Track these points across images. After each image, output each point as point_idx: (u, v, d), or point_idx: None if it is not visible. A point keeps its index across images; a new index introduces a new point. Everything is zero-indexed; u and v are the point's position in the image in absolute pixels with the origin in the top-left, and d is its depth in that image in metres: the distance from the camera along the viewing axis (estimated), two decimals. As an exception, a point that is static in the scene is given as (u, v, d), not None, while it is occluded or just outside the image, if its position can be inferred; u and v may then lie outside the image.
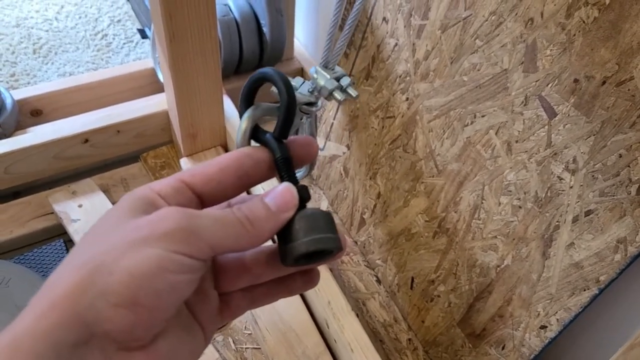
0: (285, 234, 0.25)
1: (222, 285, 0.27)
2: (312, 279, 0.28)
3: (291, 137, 0.28)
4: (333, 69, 0.31)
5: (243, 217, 0.24)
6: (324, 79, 0.30)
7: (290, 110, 0.27)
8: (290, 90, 0.26)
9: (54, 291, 0.20)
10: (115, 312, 0.20)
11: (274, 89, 0.27)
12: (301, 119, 0.30)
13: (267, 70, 0.27)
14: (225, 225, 0.23)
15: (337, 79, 0.30)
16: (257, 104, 0.28)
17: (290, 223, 0.25)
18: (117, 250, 0.21)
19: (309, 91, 0.30)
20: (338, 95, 0.30)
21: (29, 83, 1.07)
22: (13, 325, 0.20)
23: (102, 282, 0.20)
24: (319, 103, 0.29)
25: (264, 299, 0.28)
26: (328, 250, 0.26)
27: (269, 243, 0.27)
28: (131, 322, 0.20)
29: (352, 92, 0.30)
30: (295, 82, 0.29)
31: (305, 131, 0.30)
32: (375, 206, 0.80)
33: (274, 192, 0.25)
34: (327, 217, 0.26)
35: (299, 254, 0.25)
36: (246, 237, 0.23)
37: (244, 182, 0.26)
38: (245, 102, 0.28)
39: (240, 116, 0.28)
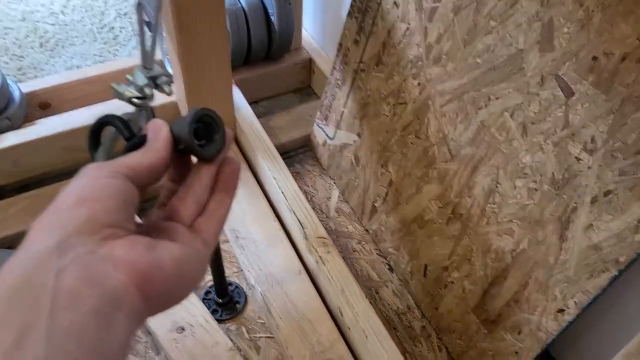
0: (177, 142, 0.30)
1: (180, 218, 0.30)
2: (232, 163, 0.33)
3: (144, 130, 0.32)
4: (151, 68, 0.36)
5: (143, 149, 0.29)
6: (139, 77, 0.35)
7: (132, 138, 0.32)
8: (126, 123, 0.32)
9: (37, 224, 0.25)
10: (72, 212, 0.24)
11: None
12: (141, 111, 0.36)
13: (104, 118, 0.33)
14: (131, 155, 0.29)
15: (153, 78, 0.36)
16: (102, 143, 0.33)
17: (173, 136, 0.30)
18: (67, 187, 0.26)
19: (136, 88, 0.36)
20: (148, 90, 0.35)
21: (36, 76, 1.06)
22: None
23: (58, 201, 0.25)
24: (148, 95, 0.35)
25: (217, 206, 0.32)
26: (202, 117, 0.30)
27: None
28: (90, 212, 0.24)
29: (167, 89, 0.36)
30: (133, 77, 0.35)
31: (142, 123, 0.34)
32: (387, 194, 0.80)
33: (148, 130, 0.30)
34: (187, 115, 0.31)
35: (187, 132, 0.29)
36: (149, 154, 0.29)
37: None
38: (93, 145, 0.34)
39: (93, 158, 0.33)
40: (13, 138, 0.80)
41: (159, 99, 0.89)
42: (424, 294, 0.76)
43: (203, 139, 0.31)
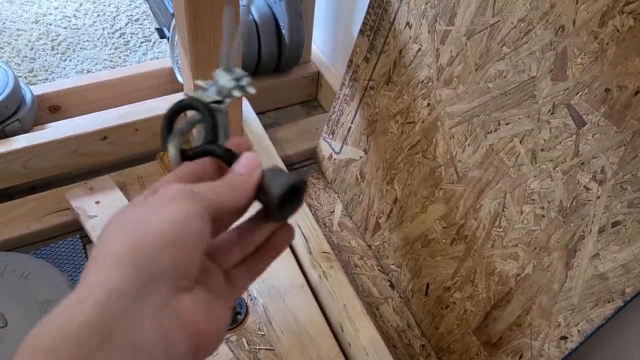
0: (262, 192, 0.30)
1: (221, 262, 0.30)
2: (289, 232, 0.32)
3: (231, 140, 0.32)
4: (233, 71, 0.36)
5: (228, 183, 0.28)
6: (224, 79, 0.34)
7: (214, 127, 0.31)
8: (212, 114, 0.31)
9: (110, 249, 0.23)
10: (162, 251, 0.23)
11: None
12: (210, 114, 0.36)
13: (188, 100, 0.31)
14: (217, 187, 0.28)
15: (237, 79, 0.35)
16: (174, 129, 0.32)
17: (261, 183, 0.30)
18: (151, 210, 0.25)
19: (216, 92, 0.35)
20: (236, 92, 0.34)
21: (47, 79, 1.07)
22: (78, 287, 0.22)
23: (148, 233, 0.23)
24: (226, 101, 0.34)
25: (259, 265, 0.31)
26: (297, 185, 0.30)
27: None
28: (177, 257, 0.24)
29: (250, 89, 0.35)
30: (206, 84, 0.34)
31: (219, 127, 0.34)
32: (391, 211, 0.80)
33: (240, 162, 0.30)
34: (280, 168, 0.30)
35: (282, 193, 0.29)
36: (235, 195, 0.28)
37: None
38: (167, 130, 0.32)
39: (163, 143, 0.32)
40: (24, 140, 0.80)
41: (166, 108, 0.90)
42: (425, 313, 0.76)
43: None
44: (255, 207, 0.31)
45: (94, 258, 0.24)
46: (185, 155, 0.31)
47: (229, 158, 0.30)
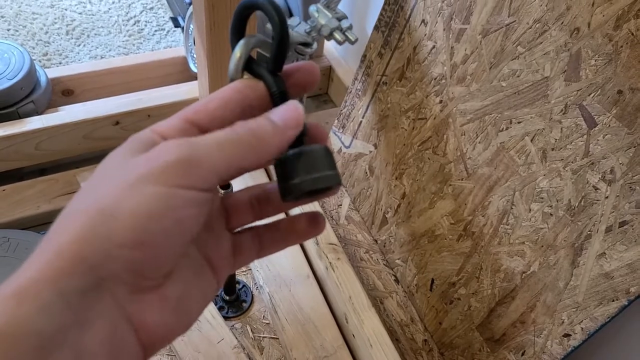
0: (286, 170, 0.25)
1: (230, 222, 0.27)
2: (318, 224, 0.28)
3: (293, 64, 0.27)
4: (334, 10, 0.31)
5: (248, 132, 0.22)
6: (325, 17, 0.30)
7: (283, 40, 0.25)
8: (282, 18, 0.25)
9: (58, 239, 0.19)
10: (120, 252, 0.19)
11: (269, 25, 0.26)
12: (295, 60, 0.30)
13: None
14: (229, 145, 0.22)
15: (338, 19, 0.30)
16: (250, 34, 0.26)
17: (291, 159, 0.25)
18: (119, 191, 0.20)
19: (305, 31, 0.30)
20: (338, 35, 0.30)
21: (60, 63, 1.08)
22: (17, 275, 0.19)
23: (106, 226, 0.19)
24: (314, 45, 0.29)
25: (272, 245, 0.28)
26: (329, 187, 0.26)
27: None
28: (137, 259, 0.19)
29: (351, 36, 0.31)
30: (292, 21, 0.29)
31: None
32: (399, 206, 0.81)
33: (279, 109, 0.24)
34: (327, 152, 0.25)
35: (302, 192, 0.24)
36: (252, 153, 0.22)
37: (248, 116, 0.25)
38: (236, 33, 0.26)
39: (232, 46, 0.27)
40: (37, 122, 0.81)
41: (181, 95, 0.90)
42: (429, 308, 0.77)
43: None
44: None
45: (51, 232, 0.20)
46: (250, 67, 0.26)
47: (276, 99, 0.25)
